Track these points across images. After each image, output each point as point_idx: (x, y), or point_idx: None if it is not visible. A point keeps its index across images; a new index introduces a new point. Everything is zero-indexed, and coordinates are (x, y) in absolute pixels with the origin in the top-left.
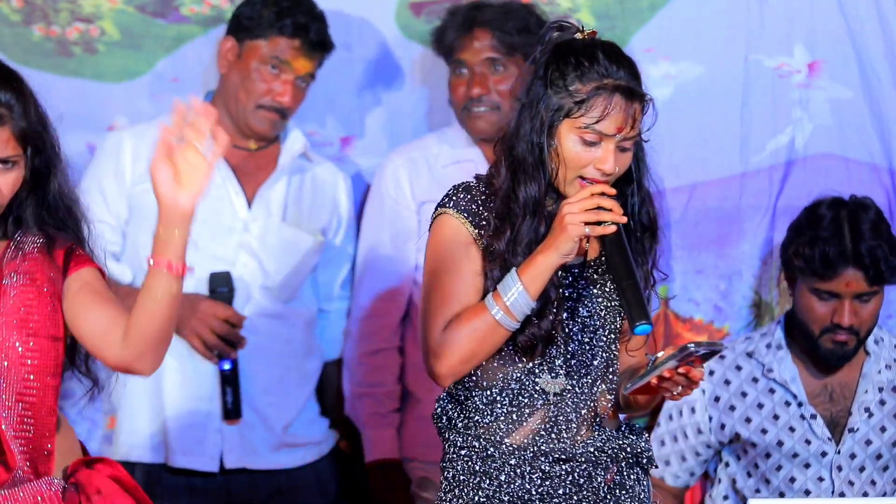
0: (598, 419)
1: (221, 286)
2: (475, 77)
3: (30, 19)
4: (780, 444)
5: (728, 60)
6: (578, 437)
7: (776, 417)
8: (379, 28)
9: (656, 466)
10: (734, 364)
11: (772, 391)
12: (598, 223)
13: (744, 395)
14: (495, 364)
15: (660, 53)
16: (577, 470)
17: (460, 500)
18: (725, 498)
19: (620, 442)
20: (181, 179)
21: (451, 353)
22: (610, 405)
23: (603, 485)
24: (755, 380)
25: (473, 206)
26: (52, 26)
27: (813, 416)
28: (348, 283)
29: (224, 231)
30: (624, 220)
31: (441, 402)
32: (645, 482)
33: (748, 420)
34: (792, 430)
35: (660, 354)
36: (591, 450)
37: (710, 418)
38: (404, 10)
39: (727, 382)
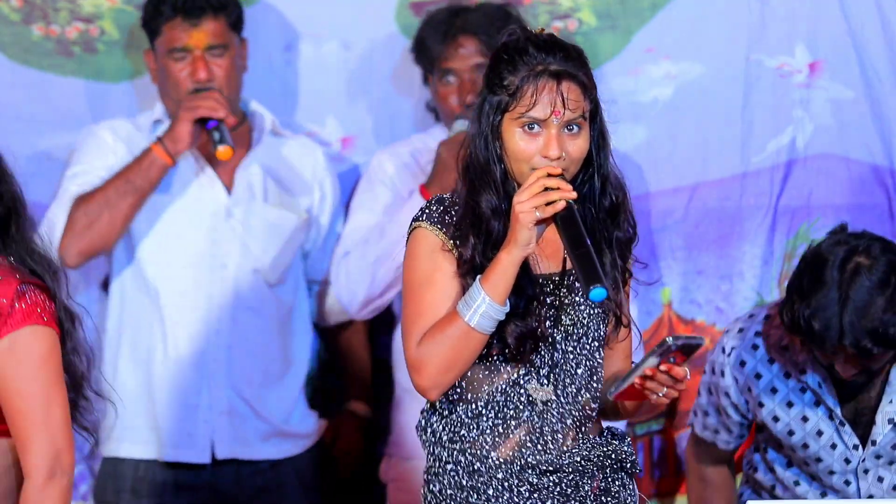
0: (583, 428)
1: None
2: (465, 84)
3: (29, 19)
4: (805, 446)
5: (729, 60)
6: (564, 448)
7: (805, 420)
8: (379, 28)
9: (641, 471)
10: (766, 358)
11: (803, 390)
12: (548, 204)
13: (774, 391)
14: (480, 376)
15: (661, 53)
16: (565, 480)
17: None
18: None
19: (605, 449)
20: None
21: (429, 364)
22: (594, 413)
23: (589, 493)
24: (787, 375)
25: (447, 218)
26: (51, 26)
27: (842, 424)
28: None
29: (207, 219)
30: (573, 195)
31: (425, 415)
32: (630, 487)
33: (776, 419)
34: (819, 433)
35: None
36: (578, 459)
37: (746, 401)
38: (404, 10)
39: (758, 377)
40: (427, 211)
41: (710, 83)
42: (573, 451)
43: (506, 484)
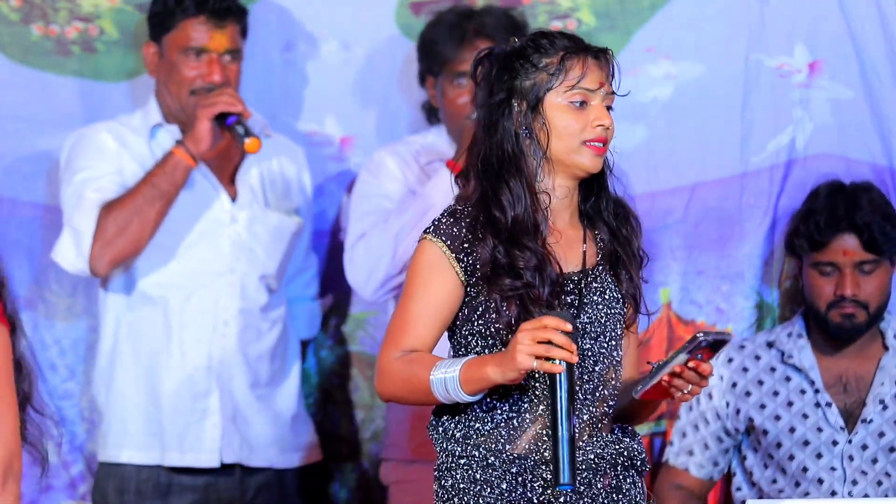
0: (598, 425)
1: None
2: None
3: (28, 18)
4: (791, 430)
5: (729, 60)
6: (579, 444)
7: (790, 404)
8: (379, 27)
9: (648, 468)
10: (753, 354)
11: (788, 379)
12: (549, 359)
13: (760, 382)
14: None
15: (660, 53)
16: (578, 478)
17: None
18: (738, 489)
19: (617, 447)
20: None
21: (390, 384)
22: (610, 411)
23: (601, 490)
24: (773, 369)
25: (455, 230)
26: (50, 25)
27: (828, 405)
28: (307, 256)
29: (212, 225)
30: (574, 359)
31: (436, 413)
32: (640, 484)
33: (762, 406)
34: (805, 416)
35: (659, 360)
36: (592, 456)
37: (727, 404)
38: (404, 9)
39: (745, 370)
40: (436, 223)
41: (710, 83)
42: (587, 448)
43: (519, 479)
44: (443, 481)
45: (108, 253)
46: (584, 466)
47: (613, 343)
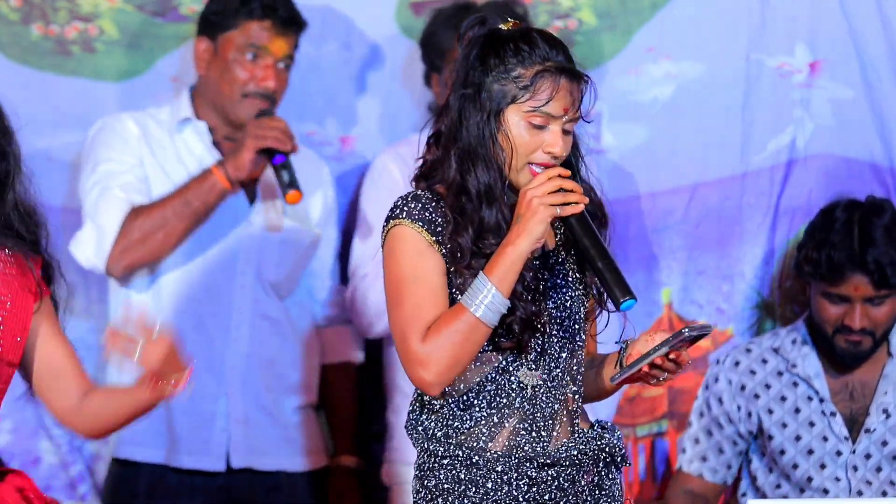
0: (572, 415)
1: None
2: None
3: (28, 18)
4: (797, 438)
5: (729, 60)
6: (555, 434)
7: (797, 411)
8: (379, 27)
9: (629, 464)
10: (760, 358)
11: (795, 385)
12: (564, 204)
13: (767, 386)
14: (472, 366)
15: (661, 52)
16: (563, 475)
17: None
18: (743, 495)
19: (599, 442)
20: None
21: (438, 359)
22: (578, 397)
23: (585, 487)
24: (780, 374)
25: (426, 214)
26: (50, 25)
27: (832, 414)
28: (335, 273)
29: (228, 226)
30: (587, 199)
31: (414, 413)
32: (619, 481)
33: (770, 411)
34: (812, 424)
35: (627, 338)
36: (575, 453)
37: (739, 407)
38: (404, 9)
39: (752, 373)
40: (406, 208)
41: (711, 83)
42: (569, 444)
43: (504, 477)
44: (425, 481)
45: (127, 258)
46: (567, 463)
47: (577, 327)
